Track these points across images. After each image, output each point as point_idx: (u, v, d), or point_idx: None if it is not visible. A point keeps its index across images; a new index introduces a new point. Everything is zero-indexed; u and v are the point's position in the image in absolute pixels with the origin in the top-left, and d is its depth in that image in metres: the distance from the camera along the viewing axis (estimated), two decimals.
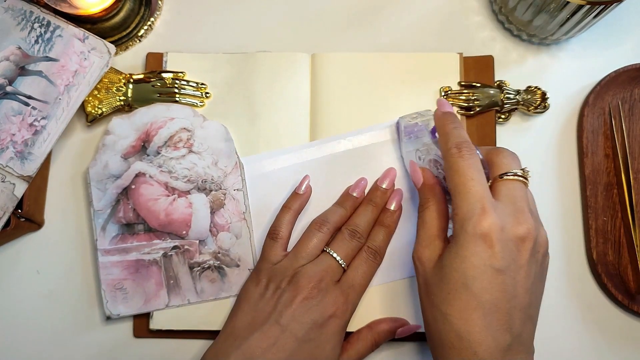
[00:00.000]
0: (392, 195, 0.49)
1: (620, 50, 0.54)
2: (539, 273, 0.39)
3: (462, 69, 0.52)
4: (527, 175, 0.41)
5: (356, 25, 0.55)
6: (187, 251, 0.49)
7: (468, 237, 0.37)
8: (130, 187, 0.49)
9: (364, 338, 0.47)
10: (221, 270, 0.49)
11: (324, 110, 0.52)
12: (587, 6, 0.46)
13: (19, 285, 0.50)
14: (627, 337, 0.50)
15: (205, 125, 0.50)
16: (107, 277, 0.48)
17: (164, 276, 0.48)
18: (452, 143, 0.41)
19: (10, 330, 0.50)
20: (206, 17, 0.55)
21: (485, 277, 0.37)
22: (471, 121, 0.52)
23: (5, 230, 0.47)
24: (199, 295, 0.48)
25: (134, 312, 0.48)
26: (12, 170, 0.47)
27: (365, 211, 0.48)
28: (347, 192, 0.50)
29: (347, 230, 0.47)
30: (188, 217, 0.49)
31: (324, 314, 0.43)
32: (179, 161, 0.49)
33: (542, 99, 0.52)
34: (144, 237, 0.49)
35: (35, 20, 0.49)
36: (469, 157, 0.40)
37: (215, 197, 0.49)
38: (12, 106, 0.48)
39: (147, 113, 0.50)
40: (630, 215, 0.50)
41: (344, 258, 0.46)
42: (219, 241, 0.49)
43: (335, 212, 0.48)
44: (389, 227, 0.48)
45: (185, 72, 0.52)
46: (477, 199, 0.38)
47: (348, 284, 0.45)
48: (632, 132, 0.52)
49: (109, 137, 0.50)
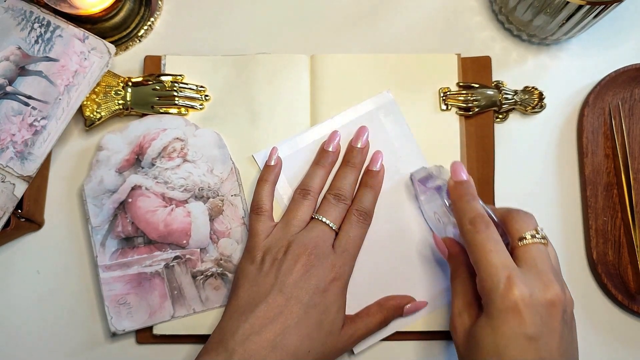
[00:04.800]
0: (373, 157, 0.49)
1: (620, 50, 0.54)
2: (570, 333, 0.39)
3: (460, 70, 0.52)
4: (540, 233, 0.41)
5: (355, 27, 0.55)
6: (189, 260, 0.48)
7: (497, 308, 0.38)
8: (127, 201, 0.49)
9: (374, 314, 0.47)
10: (224, 277, 0.48)
11: (323, 111, 0.52)
12: (587, 6, 0.46)
13: (19, 286, 0.50)
14: (627, 337, 0.50)
15: (198, 134, 0.50)
16: (110, 292, 0.48)
17: (168, 287, 0.48)
18: (466, 219, 0.41)
19: (10, 331, 0.50)
20: (206, 18, 0.55)
21: (518, 346, 0.37)
22: (470, 122, 0.52)
23: (5, 230, 0.47)
24: (204, 303, 0.48)
25: (139, 327, 0.48)
26: (12, 170, 0.47)
27: (345, 173, 0.48)
28: (322, 148, 0.50)
29: (331, 195, 0.48)
30: (187, 226, 0.49)
31: (325, 278, 0.44)
32: (175, 171, 0.49)
33: (539, 99, 0.53)
34: (145, 250, 0.49)
35: (35, 20, 0.49)
36: (484, 230, 0.40)
37: (213, 204, 0.49)
38: (12, 106, 0.48)
39: (139, 126, 0.50)
40: (630, 215, 0.50)
41: (334, 222, 0.46)
42: (220, 248, 0.49)
43: (315, 175, 0.49)
44: (373, 188, 0.48)
45: (184, 75, 0.52)
46: (500, 270, 0.38)
47: (342, 247, 0.46)
48: (632, 132, 0.52)
49: (102, 153, 0.50)
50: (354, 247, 0.47)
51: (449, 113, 0.52)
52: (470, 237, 0.40)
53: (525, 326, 0.37)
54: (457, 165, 0.44)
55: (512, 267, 0.39)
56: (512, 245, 0.41)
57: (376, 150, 0.49)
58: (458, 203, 0.43)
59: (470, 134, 0.52)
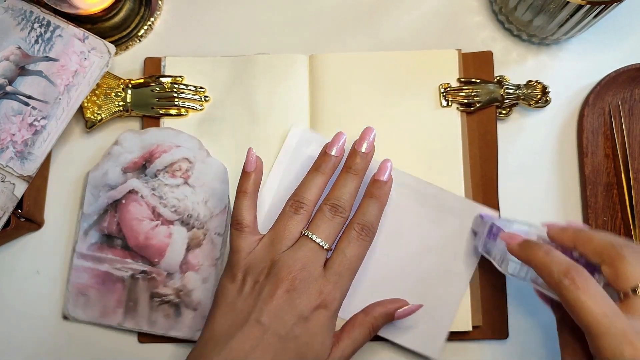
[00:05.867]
0: (381, 166, 0.44)
1: (620, 50, 0.54)
2: None
3: (461, 66, 0.52)
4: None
5: (354, 27, 0.55)
6: (153, 279, 0.48)
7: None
8: (121, 201, 0.49)
9: (360, 324, 0.43)
10: (178, 309, 0.48)
11: (323, 111, 0.51)
12: (587, 6, 0.46)
13: (19, 286, 0.50)
14: None
15: (208, 161, 0.50)
16: (76, 280, 0.49)
17: (126, 296, 0.48)
18: (560, 273, 0.36)
19: (10, 331, 0.50)
20: (206, 18, 0.55)
21: None
22: (472, 117, 0.52)
23: (5, 230, 0.47)
24: (150, 326, 0.48)
25: (89, 321, 0.48)
26: (12, 170, 0.47)
27: (345, 181, 0.43)
28: (325, 151, 0.44)
29: (327, 205, 0.42)
30: (164, 247, 0.49)
31: (308, 306, 0.40)
32: (172, 190, 0.49)
33: (543, 93, 0.52)
34: (119, 253, 0.49)
35: (35, 20, 0.49)
36: (586, 285, 0.34)
37: (194, 235, 0.49)
38: (12, 106, 0.48)
39: (157, 134, 0.50)
40: (630, 215, 0.50)
41: (325, 239, 0.41)
42: (185, 279, 0.48)
43: (312, 184, 0.43)
44: (380, 200, 0.43)
45: (183, 76, 0.52)
46: (620, 337, 0.33)
47: (334, 269, 0.41)
48: (632, 132, 0.52)
49: (116, 148, 0.50)
50: (349, 270, 0.41)
51: (450, 109, 0.52)
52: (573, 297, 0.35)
53: None
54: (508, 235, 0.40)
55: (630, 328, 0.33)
56: (623, 294, 0.35)
57: (385, 159, 0.45)
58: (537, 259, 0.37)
59: (472, 130, 0.51)
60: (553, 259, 0.37)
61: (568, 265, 0.36)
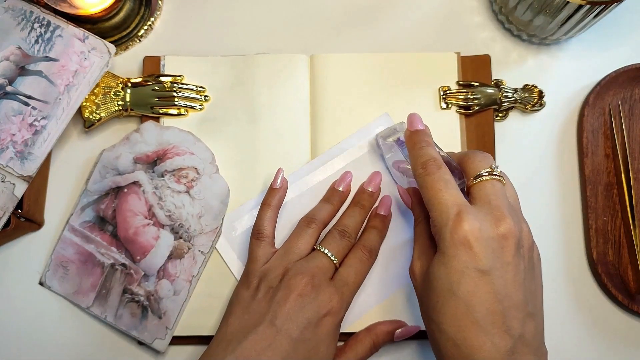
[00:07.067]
0: (382, 202, 0.49)
1: (620, 50, 0.54)
2: (528, 268, 0.38)
3: (460, 69, 0.53)
4: (495, 171, 0.40)
5: (355, 27, 0.55)
6: (130, 275, 0.48)
7: (447, 243, 0.37)
8: (123, 190, 0.50)
9: (362, 340, 0.46)
10: (145, 312, 0.48)
11: (323, 111, 0.52)
12: (587, 6, 0.46)
13: (19, 286, 0.50)
14: (627, 337, 0.50)
15: (214, 178, 0.50)
16: (61, 251, 0.50)
17: (101, 283, 0.49)
18: (418, 164, 0.41)
19: (10, 331, 0.50)
20: (206, 18, 0.55)
21: (470, 280, 0.36)
22: (470, 120, 0.52)
23: (5, 230, 0.47)
24: (116, 319, 0.48)
25: (62, 294, 0.49)
26: (12, 170, 0.47)
27: (354, 213, 0.48)
28: (333, 187, 0.49)
29: (336, 230, 0.47)
30: (149, 248, 0.49)
31: (318, 312, 0.42)
32: (173, 194, 0.49)
33: (539, 97, 0.53)
34: (107, 239, 0.49)
35: (35, 20, 0.49)
36: (435, 172, 0.40)
37: (179, 245, 0.49)
38: (12, 106, 0.48)
39: (177, 134, 0.50)
40: (630, 215, 0.50)
41: (335, 255, 0.45)
42: (158, 285, 0.48)
43: (322, 208, 0.48)
44: (381, 231, 0.48)
45: (183, 76, 0.52)
46: (449, 207, 0.38)
47: (342, 281, 0.44)
48: (632, 132, 0.52)
49: (135, 135, 0.50)
50: (355, 283, 0.45)
51: (449, 112, 0.52)
52: (422, 180, 0.40)
53: (476, 260, 0.36)
54: (413, 116, 0.44)
55: (463, 203, 0.38)
56: (467, 185, 0.41)
57: (385, 195, 0.49)
58: (412, 151, 0.42)
59: (471, 132, 0.52)
60: (421, 152, 0.41)
61: (428, 157, 0.41)
